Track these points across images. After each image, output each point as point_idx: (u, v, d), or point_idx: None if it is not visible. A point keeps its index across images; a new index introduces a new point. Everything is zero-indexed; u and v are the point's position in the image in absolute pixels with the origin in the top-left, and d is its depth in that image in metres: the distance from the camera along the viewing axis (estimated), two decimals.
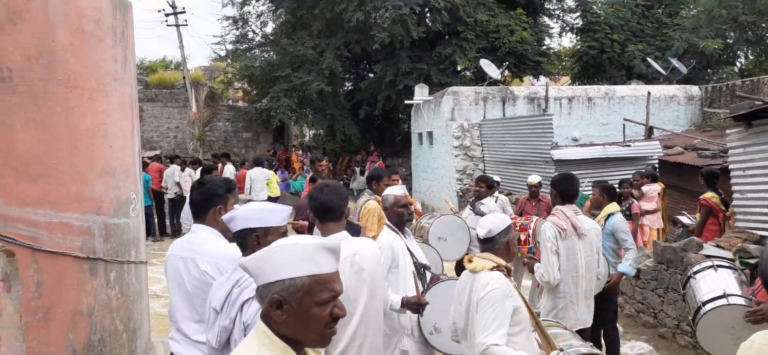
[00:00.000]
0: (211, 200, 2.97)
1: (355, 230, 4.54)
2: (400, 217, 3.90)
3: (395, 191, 4.03)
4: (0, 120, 2.83)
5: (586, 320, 4.40)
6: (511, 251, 3.20)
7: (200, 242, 2.91)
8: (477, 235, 3.26)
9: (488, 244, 3.16)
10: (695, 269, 4.27)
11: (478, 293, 2.98)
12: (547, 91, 14.90)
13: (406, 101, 17.87)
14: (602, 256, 4.62)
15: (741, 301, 3.75)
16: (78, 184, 3.02)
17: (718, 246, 5.96)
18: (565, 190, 4.44)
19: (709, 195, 7.11)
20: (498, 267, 3.06)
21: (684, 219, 8.27)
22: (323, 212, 2.98)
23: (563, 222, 4.29)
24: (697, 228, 7.26)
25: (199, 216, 2.99)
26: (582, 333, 4.03)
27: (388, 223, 3.93)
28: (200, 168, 11.13)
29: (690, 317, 4.20)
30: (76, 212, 2.96)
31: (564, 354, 3.03)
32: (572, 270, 4.29)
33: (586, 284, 4.36)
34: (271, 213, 2.47)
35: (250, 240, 2.41)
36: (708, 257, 5.61)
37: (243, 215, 2.45)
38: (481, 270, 3.05)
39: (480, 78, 18.42)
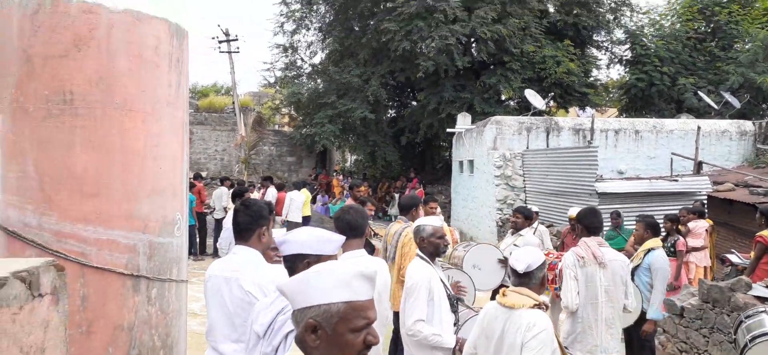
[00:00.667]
0: (257, 222, 3.04)
1: (371, 249, 4.72)
2: (436, 248, 3.78)
3: (433, 221, 3.89)
4: (61, 140, 2.98)
5: (609, 347, 4.41)
6: (544, 286, 3.23)
7: (244, 263, 2.96)
8: (512, 268, 3.23)
9: (525, 278, 3.14)
10: (748, 312, 4.43)
11: (522, 334, 2.97)
12: (592, 122, 14.66)
13: (449, 129, 17.86)
14: (634, 289, 4.72)
15: None
16: (127, 203, 3.14)
17: (767, 287, 5.73)
18: (589, 223, 4.65)
19: (766, 233, 6.85)
20: (538, 305, 3.04)
21: (733, 258, 7.95)
22: (349, 230, 3.31)
23: (583, 252, 4.44)
24: (750, 266, 6.96)
25: (242, 237, 3.05)
26: None
27: (420, 253, 3.80)
28: (233, 190, 11.23)
29: None
30: (124, 230, 3.08)
31: None
32: (591, 297, 4.39)
33: (607, 311, 4.40)
34: (325, 242, 2.47)
35: (300, 266, 2.36)
36: (758, 298, 5.42)
37: (296, 239, 2.45)
38: (520, 307, 3.02)
39: (524, 108, 18.26)
